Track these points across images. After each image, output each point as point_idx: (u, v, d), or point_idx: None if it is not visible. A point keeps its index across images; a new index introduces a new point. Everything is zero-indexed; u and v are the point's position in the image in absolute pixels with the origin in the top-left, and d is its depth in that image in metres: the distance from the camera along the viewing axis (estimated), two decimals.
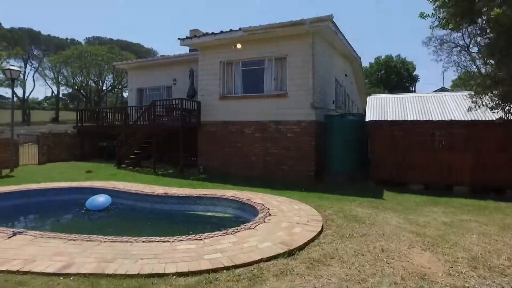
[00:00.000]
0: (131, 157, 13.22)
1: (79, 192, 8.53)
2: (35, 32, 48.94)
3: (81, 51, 39.22)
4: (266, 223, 5.28)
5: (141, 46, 55.56)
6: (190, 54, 15.53)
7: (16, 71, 12.57)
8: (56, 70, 42.40)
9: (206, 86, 12.54)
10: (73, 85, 44.40)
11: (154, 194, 7.75)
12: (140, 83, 17.53)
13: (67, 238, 4.43)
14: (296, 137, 11.00)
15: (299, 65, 11.01)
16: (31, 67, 49.22)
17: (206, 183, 9.72)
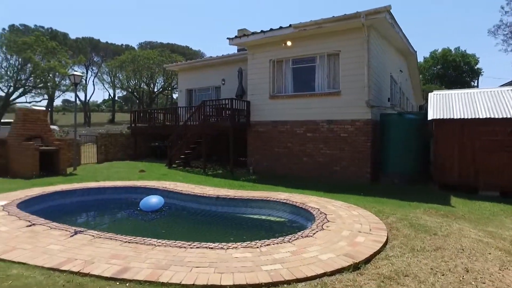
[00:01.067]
0: (182, 157, 13.43)
1: (133, 191, 8.73)
2: (95, 41, 52.58)
3: (134, 55, 41.26)
4: (325, 231, 4.88)
5: (189, 49, 57.29)
6: (238, 54, 15.48)
7: (78, 76, 13.32)
8: (112, 74, 45.09)
9: (256, 85, 12.35)
10: (127, 88, 46.89)
11: (205, 195, 7.67)
12: (189, 84, 17.86)
13: (122, 240, 4.40)
14: (350, 137, 10.40)
15: (353, 61, 10.40)
16: (91, 73, 53.01)
17: (256, 185, 9.50)
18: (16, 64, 31.16)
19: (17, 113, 12.09)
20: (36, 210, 6.98)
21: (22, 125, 11.46)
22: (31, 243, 4.34)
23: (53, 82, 33.37)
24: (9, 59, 31.27)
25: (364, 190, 8.71)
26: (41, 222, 5.33)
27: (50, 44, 32.27)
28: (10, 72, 31.14)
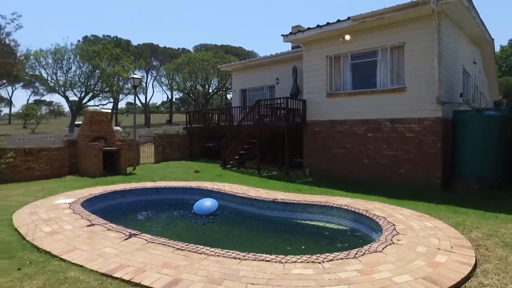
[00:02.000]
0: (236, 158, 13.33)
1: (188, 192, 8.73)
2: (154, 46, 55.55)
3: (190, 57, 42.70)
4: (395, 245, 4.27)
5: (242, 49, 57.95)
6: (292, 52, 15.03)
7: (137, 79, 13.86)
8: (170, 77, 47.12)
9: (312, 83, 11.80)
10: (183, 89, 48.71)
11: (260, 198, 7.35)
12: (243, 84, 17.78)
13: (174, 247, 4.22)
14: (417, 137, 9.42)
15: (420, 53, 9.40)
16: (151, 76, 56.02)
17: (313, 188, 8.98)
18: (86, 71, 33.88)
19: (84, 115, 12.90)
20: (97, 208, 7.22)
21: (89, 126, 12.17)
22: (89, 244, 4.35)
23: (117, 86, 35.72)
24: (81, 67, 34.13)
25: (435, 197, 7.77)
26: (100, 222, 5.39)
27: (115, 51, 34.63)
28: (82, 78, 33.98)
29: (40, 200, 7.33)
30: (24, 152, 11.19)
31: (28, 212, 6.20)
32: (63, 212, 6.07)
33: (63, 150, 12.00)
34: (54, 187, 9.01)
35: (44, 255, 4.09)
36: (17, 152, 11.01)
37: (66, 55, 33.09)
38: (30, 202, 7.11)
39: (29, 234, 4.82)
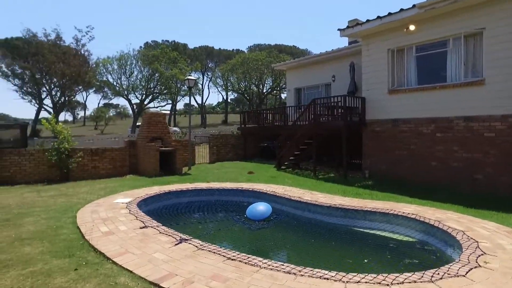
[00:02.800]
0: (291, 158, 12.93)
1: (241, 194, 8.55)
2: (209, 48, 57.15)
3: (244, 58, 43.10)
4: (483, 269, 3.56)
5: (296, 48, 57.19)
6: (349, 47, 14.23)
7: (192, 80, 14.09)
8: (225, 78, 48.07)
9: (371, 79, 10.98)
10: (238, 89, 49.40)
11: (316, 203, 6.90)
12: (297, 83, 17.31)
13: (225, 256, 3.97)
14: (500, 137, 8.21)
15: (504, 39, 8.17)
16: (206, 77, 57.72)
17: (374, 192, 8.27)
18: (147, 75, 35.92)
19: (143, 117, 13.43)
20: (152, 209, 7.32)
21: (146, 128, 12.63)
22: (140, 248, 4.28)
23: (175, 88, 37.29)
24: (142, 71, 36.28)
25: None
26: (153, 224, 5.37)
27: (172, 55, 36.25)
28: (142, 82, 36.11)
29: (102, 198, 7.64)
30: (91, 152, 11.93)
31: (90, 210, 6.44)
32: (119, 212, 6.20)
33: (124, 150, 12.59)
34: (115, 186, 9.41)
35: (99, 256, 4.11)
36: (85, 152, 11.77)
37: (129, 60, 35.38)
38: (93, 200, 7.44)
39: (87, 233, 4.94)
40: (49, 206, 6.99)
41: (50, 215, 6.22)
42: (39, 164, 11.07)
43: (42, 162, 11.09)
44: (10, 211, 6.62)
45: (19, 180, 10.68)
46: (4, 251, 4.38)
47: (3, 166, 10.58)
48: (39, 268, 3.81)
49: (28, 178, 10.82)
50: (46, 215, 6.22)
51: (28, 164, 10.96)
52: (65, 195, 8.20)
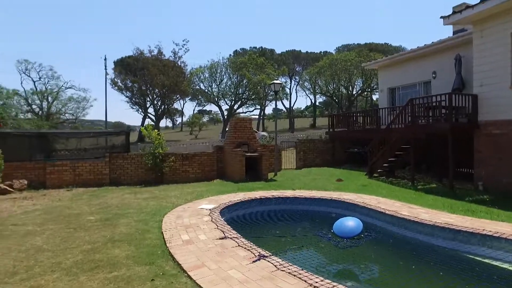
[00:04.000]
0: (384, 165, 11.68)
1: (328, 204, 7.88)
2: (296, 52, 56.95)
3: (332, 59, 41.60)
4: None
5: (388, 45, 53.17)
6: (454, 37, 12.30)
7: (278, 84, 13.87)
8: (312, 81, 47.14)
9: (486, 72, 9.19)
10: (326, 92, 47.98)
11: (416, 220, 5.87)
12: (391, 82, 15.76)
13: (307, 281, 3.44)
14: None
15: None
16: (294, 82, 57.57)
17: (494, 210, 6.74)
18: (235, 81, 37.41)
19: (230, 122, 13.68)
20: (235, 216, 7.18)
21: (233, 133, 12.80)
22: (217, 262, 4.05)
23: (263, 93, 37.95)
24: (231, 77, 37.90)
25: None
26: (232, 235, 5.13)
27: (259, 60, 37.01)
28: (232, 88, 37.71)
29: (188, 203, 7.81)
30: (182, 157, 12.58)
31: (176, 215, 6.57)
32: (202, 219, 6.16)
33: (212, 155, 12.97)
34: (202, 191, 9.63)
35: (176, 267, 4.00)
36: (176, 157, 12.46)
37: (219, 68, 37.29)
38: (180, 205, 7.65)
39: (169, 240, 4.94)
40: (142, 208, 7.39)
41: (140, 217, 6.52)
42: (138, 167, 12.08)
43: (141, 166, 12.07)
44: (111, 211, 7.18)
45: (123, 181, 11.79)
46: (98, 250, 4.63)
47: (112, 169, 11.81)
48: (122, 273, 3.85)
49: (129, 180, 11.87)
50: (137, 217, 6.54)
51: (129, 167, 12.04)
52: (156, 198, 8.64)
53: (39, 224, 6.17)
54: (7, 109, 15.85)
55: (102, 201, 8.32)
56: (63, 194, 9.70)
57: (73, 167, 11.31)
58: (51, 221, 6.38)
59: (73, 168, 11.29)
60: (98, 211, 7.19)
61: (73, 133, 16.11)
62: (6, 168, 10.55)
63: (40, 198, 9.19)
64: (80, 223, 6.16)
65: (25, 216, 6.89)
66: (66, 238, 5.27)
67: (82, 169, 11.41)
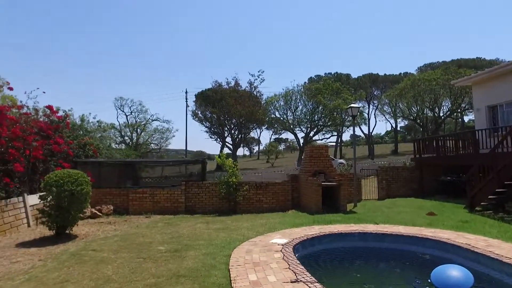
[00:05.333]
0: (490, 198, 9.79)
1: (421, 243, 6.66)
2: (374, 75, 54.55)
3: (414, 80, 38.58)
4: None
5: (481, 60, 47.73)
6: None
7: (355, 108, 12.99)
8: (392, 104, 44.24)
9: None
10: (408, 116, 44.48)
11: None
12: (491, 99, 13.66)
13: None
14: None
15: None
16: (372, 106, 54.82)
17: None
18: (311, 108, 36.91)
19: (305, 150, 13.09)
20: (310, 253, 6.47)
21: (308, 161, 12.16)
22: None
23: (339, 119, 36.65)
24: (306, 105, 37.55)
25: None
26: (306, 279, 4.45)
27: (335, 86, 36.09)
28: (307, 115, 37.22)
29: (260, 236, 7.32)
30: (256, 186, 12.29)
31: (245, 250, 6.12)
32: (273, 256, 5.59)
33: (286, 184, 12.44)
34: (275, 223, 9.08)
35: None
36: (250, 186, 12.22)
37: (294, 96, 37.29)
38: (251, 238, 7.20)
39: (235, 280, 4.48)
40: (212, 240, 7.12)
41: (209, 250, 6.21)
42: (212, 196, 12.11)
43: (215, 194, 12.08)
44: (181, 241, 7.06)
45: (197, 210, 11.89)
46: (161, 286, 4.38)
47: (187, 197, 12.04)
48: None
49: (204, 208, 11.93)
50: (206, 250, 6.25)
51: (204, 196, 12.14)
52: (227, 229, 8.34)
53: (114, 251, 6.27)
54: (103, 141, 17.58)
55: (175, 230, 8.31)
56: (141, 221, 10.04)
57: (152, 194, 11.79)
58: (125, 249, 6.45)
59: (152, 196, 11.78)
60: (169, 241, 7.12)
61: (153, 161, 17.16)
62: (98, 194, 11.47)
63: (121, 223, 9.64)
64: (150, 253, 6.08)
65: (104, 242, 7.14)
66: (134, 269, 5.16)
67: (160, 196, 11.83)
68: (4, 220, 8.39)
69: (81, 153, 12.83)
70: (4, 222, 8.35)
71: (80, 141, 13.13)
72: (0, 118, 9.11)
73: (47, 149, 10.66)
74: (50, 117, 11.76)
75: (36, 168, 10.30)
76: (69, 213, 7.50)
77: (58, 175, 7.47)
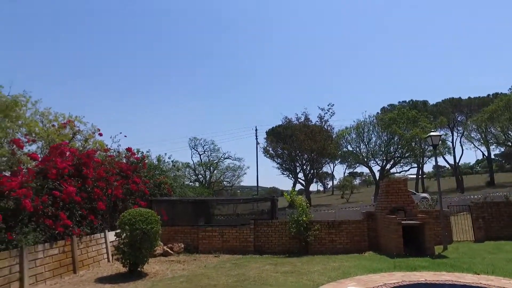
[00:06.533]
0: None
1: None
2: (455, 100, 49.74)
3: (508, 100, 34.05)
4: None
5: None
6: None
7: (436, 137, 11.68)
8: (482, 129, 39.40)
9: None
10: (504, 142, 39.01)
11: None
12: None
13: None
14: None
15: None
16: (457, 134, 49.58)
17: None
18: (385, 139, 34.69)
19: (380, 185, 12.01)
20: None
21: (384, 197, 11.05)
22: None
23: (418, 149, 33.67)
24: (380, 136, 35.46)
25: None
26: None
27: (411, 114, 33.55)
28: (382, 147, 34.99)
29: (332, 283, 6.59)
30: (328, 225, 11.47)
31: None
32: None
33: (361, 223, 11.38)
34: (349, 266, 8.18)
35: None
36: (322, 224, 11.44)
37: (366, 128, 35.56)
38: (322, 284, 6.52)
39: None
40: (279, 285, 6.61)
41: None
42: (282, 235, 11.57)
43: (284, 234, 11.52)
44: (246, 285, 6.69)
45: (267, 250, 11.41)
46: None
47: (256, 236, 11.69)
48: None
49: (273, 248, 11.41)
50: None
51: (273, 235, 11.66)
52: (296, 273, 7.70)
53: None
54: (178, 179, 18.45)
55: (241, 272, 7.93)
56: (210, 260, 9.89)
57: (221, 233, 11.70)
58: None
59: (221, 234, 11.68)
60: (233, 284, 6.76)
61: (223, 199, 17.34)
62: (170, 232, 11.79)
63: (190, 262, 9.60)
64: None
65: (171, 282, 7.09)
66: None
67: (229, 235, 11.66)
68: (88, 254, 9.02)
69: (156, 191, 13.50)
70: (88, 257, 8.97)
71: (156, 180, 13.89)
72: (88, 161, 10.05)
73: (126, 188, 11.42)
74: (129, 159, 12.73)
75: (116, 206, 11.02)
76: (140, 251, 7.70)
77: (131, 214, 7.80)
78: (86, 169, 9.75)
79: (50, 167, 8.57)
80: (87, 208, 9.46)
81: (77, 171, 9.55)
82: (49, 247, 7.62)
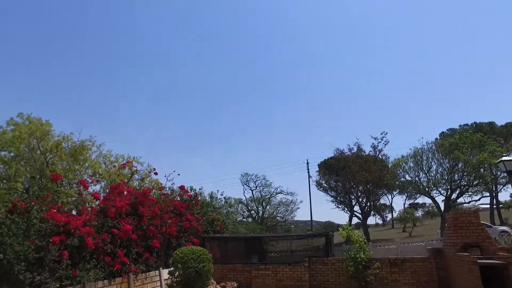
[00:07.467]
0: None
1: None
2: None
3: None
4: None
5: None
6: None
7: (509, 162, 10.51)
8: None
9: None
10: None
11: None
12: None
13: None
14: None
15: None
16: None
17: None
18: (448, 167, 31.98)
19: (447, 218, 10.94)
20: None
21: (453, 231, 9.95)
22: None
23: (489, 176, 30.47)
24: (442, 163, 32.80)
25: None
26: None
27: (474, 137, 30.73)
28: (444, 175, 32.20)
29: None
30: (389, 263, 10.57)
31: None
32: None
33: (428, 261, 10.32)
34: None
35: None
36: (382, 262, 10.58)
37: (424, 155, 33.21)
38: None
39: None
40: None
41: None
42: (339, 274, 10.85)
43: (342, 272, 10.80)
44: None
45: None
46: None
47: (312, 275, 11.10)
48: None
49: None
50: None
51: (330, 274, 10.98)
52: None
53: None
54: (230, 216, 18.48)
55: None
56: None
57: (275, 271, 11.26)
58: None
59: (274, 273, 11.24)
60: None
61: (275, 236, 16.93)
62: (223, 270, 11.63)
63: None
64: None
65: None
66: None
67: (283, 274, 11.19)
68: None
69: (209, 228, 13.57)
70: None
71: (209, 217, 14.01)
72: (144, 200, 10.48)
73: (179, 225, 11.62)
74: (182, 196, 13.06)
75: (170, 243, 11.19)
76: None
77: (183, 252, 7.83)
78: (142, 207, 10.13)
79: (110, 206, 9.04)
80: (142, 246, 9.70)
81: (133, 209, 9.95)
82: (108, 284, 7.85)
